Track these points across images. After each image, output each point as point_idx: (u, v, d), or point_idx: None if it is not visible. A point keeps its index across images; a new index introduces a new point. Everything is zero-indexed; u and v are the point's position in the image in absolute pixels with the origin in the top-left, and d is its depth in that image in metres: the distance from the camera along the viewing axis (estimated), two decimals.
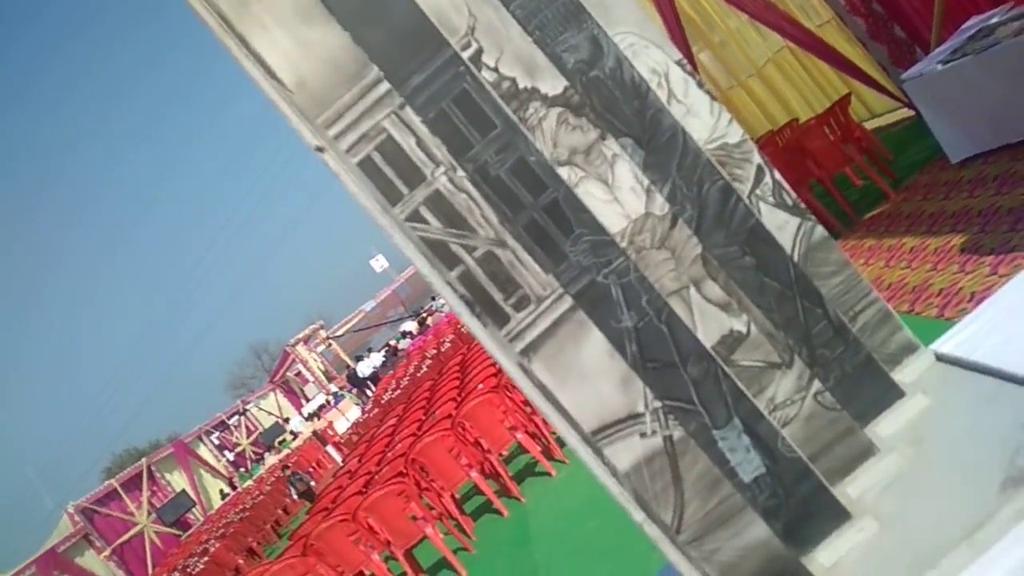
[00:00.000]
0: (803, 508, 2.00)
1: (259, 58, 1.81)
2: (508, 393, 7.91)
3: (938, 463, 2.02)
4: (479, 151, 1.96)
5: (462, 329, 17.50)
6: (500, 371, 7.07)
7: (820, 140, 8.35)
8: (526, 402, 7.81)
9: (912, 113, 8.91)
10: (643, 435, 1.88)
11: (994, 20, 6.72)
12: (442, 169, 1.87)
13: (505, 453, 8.35)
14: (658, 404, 1.89)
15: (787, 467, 2.00)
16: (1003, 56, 6.33)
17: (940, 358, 2.33)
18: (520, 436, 7.81)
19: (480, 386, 8.51)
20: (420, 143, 1.87)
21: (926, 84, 7.27)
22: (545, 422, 7.91)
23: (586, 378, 1.87)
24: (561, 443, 7.94)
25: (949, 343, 2.37)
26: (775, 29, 9.56)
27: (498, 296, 1.87)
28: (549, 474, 7.71)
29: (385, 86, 1.86)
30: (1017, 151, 6.46)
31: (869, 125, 9.92)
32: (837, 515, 1.99)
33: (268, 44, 1.84)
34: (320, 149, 1.68)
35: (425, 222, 1.87)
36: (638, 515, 1.72)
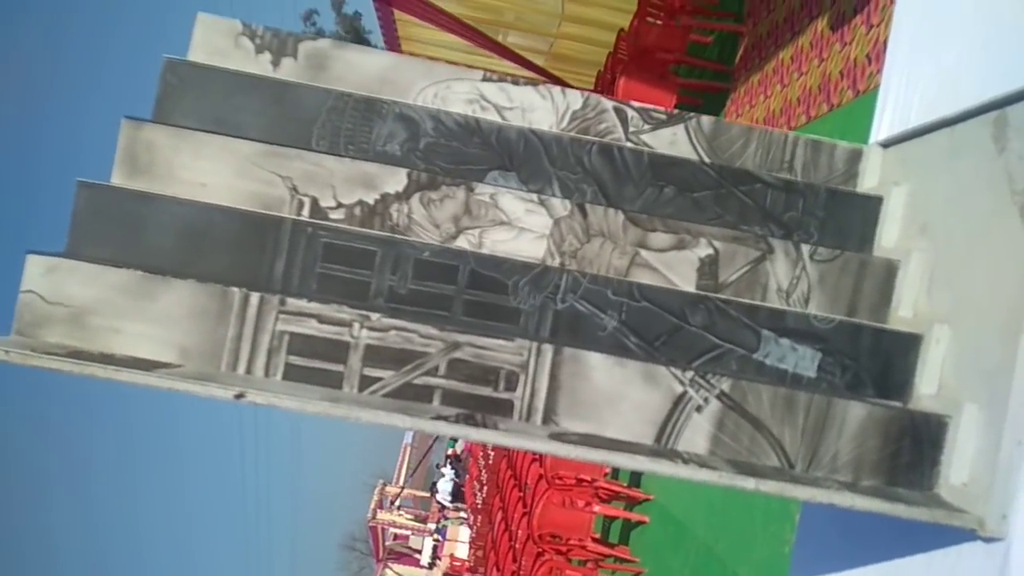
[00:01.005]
0: (878, 360, 1.91)
1: (130, 360, 1.72)
2: (559, 480, 7.80)
3: (955, 236, 1.94)
4: (377, 284, 1.88)
5: None
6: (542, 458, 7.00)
7: (651, 30, 8.39)
8: (578, 480, 7.72)
9: None
10: (699, 408, 1.78)
11: None
12: (357, 325, 1.78)
13: (608, 471, 8.17)
14: (690, 372, 1.79)
15: (836, 336, 1.91)
16: None
17: (887, 144, 2.27)
18: (597, 509, 7.67)
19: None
20: (322, 318, 1.78)
21: None
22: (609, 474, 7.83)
23: (614, 400, 1.77)
24: (636, 481, 7.81)
25: (883, 126, 2.31)
26: None
27: (487, 391, 1.77)
28: (643, 522, 7.51)
29: (256, 296, 1.77)
30: None
31: None
32: (909, 343, 1.90)
33: (129, 342, 1.75)
34: (240, 396, 1.58)
35: (378, 379, 1.77)
36: (747, 483, 1.61)
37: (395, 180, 1.99)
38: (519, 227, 1.99)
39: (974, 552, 1.62)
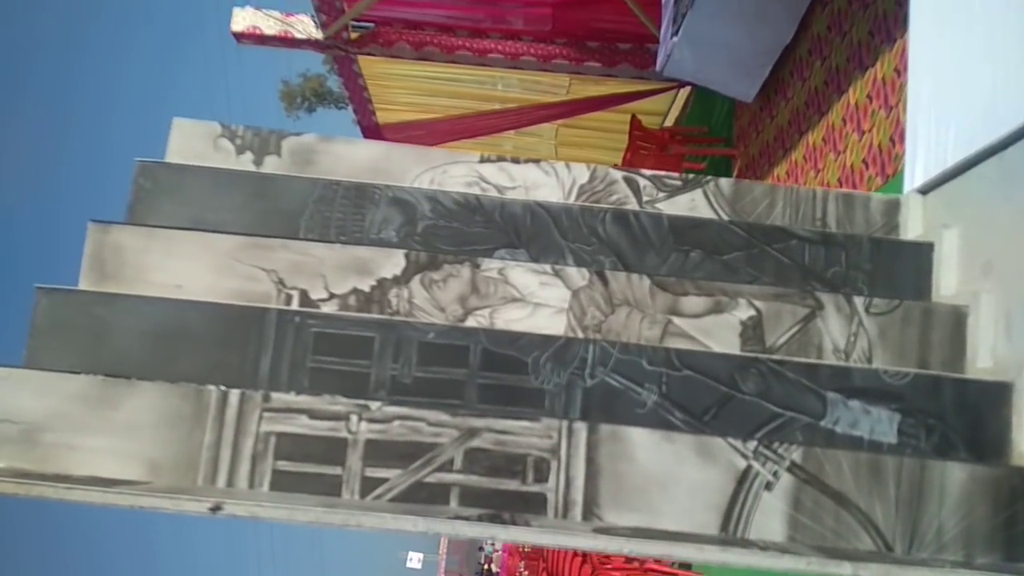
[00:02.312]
0: (965, 417, 1.63)
1: (94, 480, 1.45)
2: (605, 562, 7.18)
3: (1022, 270, 1.72)
4: (377, 375, 1.63)
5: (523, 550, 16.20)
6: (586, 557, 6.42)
7: (644, 162, 8.46)
8: (627, 561, 7.12)
9: (689, 88, 9.24)
10: (769, 485, 1.48)
11: None
12: (355, 417, 1.52)
13: None
14: (752, 443, 1.51)
15: (913, 392, 1.64)
16: None
17: (925, 190, 2.08)
18: None
19: None
20: (313, 413, 1.52)
21: (677, 61, 7.55)
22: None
23: (666, 483, 1.48)
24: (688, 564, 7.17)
25: (917, 173, 2.12)
26: (538, 122, 9.88)
27: (513, 484, 1.49)
28: None
29: (236, 394, 1.53)
30: (783, 62, 6.60)
31: (668, 122, 10.24)
32: (999, 393, 1.63)
33: (89, 459, 1.49)
34: (216, 508, 1.31)
35: (382, 481, 1.49)
36: (843, 568, 1.31)
37: (392, 263, 1.78)
38: (534, 303, 1.77)
39: None
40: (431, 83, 10.25)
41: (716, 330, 1.77)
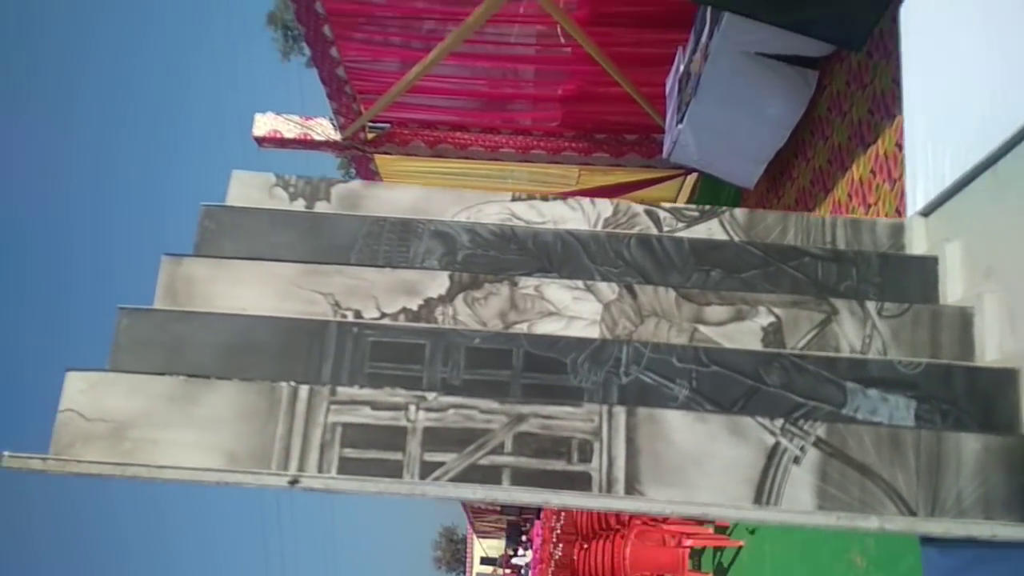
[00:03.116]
0: (978, 401, 1.75)
1: (179, 469, 1.58)
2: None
3: (1021, 270, 1.87)
4: (429, 377, 1.78)
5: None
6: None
7: None
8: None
9: (696, 175, 9.57)
10: (797, 460, 1.60)
11: (681, 68, 7.51)
12: (413, 407, 1.66)
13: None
14: (779, 421, 1.63)
15: (927, 380, 1.77)
16: (710, 85, 7.00)
17: (926, 212, 2.25)
18: (688, 543, 6.88)
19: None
20: (375, 404, 1.66)
21: (683, 148, 7.87)
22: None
23: (701, 460, 1.60)
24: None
25: (918, 198, 2.30)
26: None
27: (560, 464, 1.61)
28: (739, 546, 6.64)
29: (305, 389, 1.67)
30: (787, 145, 6.85)
31: None
32: (1007, 379, 1.76)
33: (173, 452, 1.62)
34: (294, 481, 1.44)
35: (440, 464, 1.61)
36: (870, 522, 1.41)
37: (437, 284, 1.95)
38: (568, 316, 1.92)
39: None
40: (444, 179, 10.61)
41: (739, 336, 1.91)
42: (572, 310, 1.93)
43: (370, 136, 9.12)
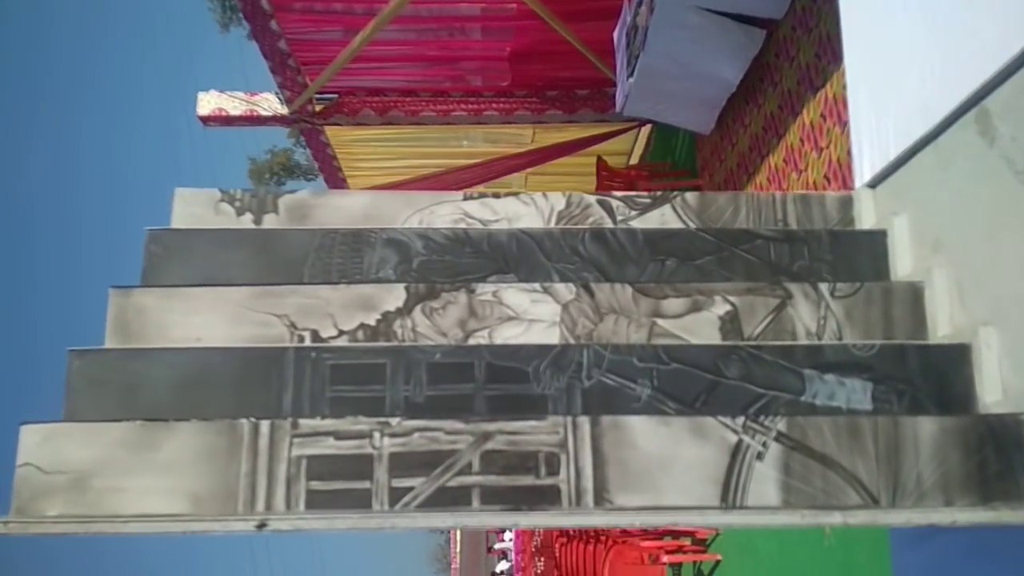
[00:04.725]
0: (932, 379, 1.79)
1: (143, 521, 1.57)
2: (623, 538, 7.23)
3: (971, 240, 1.89)
4: (392, 397, 1.77)
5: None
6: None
7: None
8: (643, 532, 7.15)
9: (650, 127, 9.58)
10: (760, 456, 1.63)
11: (628, 19, 7.45)
12: (377, 434, 1.65)
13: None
14: (740, 419, 1.66)
15: (882, 361, 1.80)
16: (657, 35, 6.96)
17: (873, 184, 2.26)
18: (665, 559, 7.03)
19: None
20: (339, 434, 1.65)
21: (635, 100, 7.85)
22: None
23: (666, 463, 1.62)
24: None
25: (864, 170, 2.32)
26: (506, 173, 10.13)
27: (528, 480, 1.62)
28: (717, 560, 6.82)
29: (266, 424, 1.66)
30: (738, 91, 6.86)
31: (633, 160, 10.56)
32: (959, 355, 1.79)
33: (136, 499, 1.61)
34: (261, 525, 1.43)
35: (408, 490, 1.62)
36: (833, 517, 1.45)
37: (393, 296, 1.93)
38: (528, 319, 1.92)
39: None
40: (398, 146, 10.48)
41: (697, 327, 1.92)
42: (531, 313, 1.93)
43: (318, 108, 8.96)
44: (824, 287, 1.95)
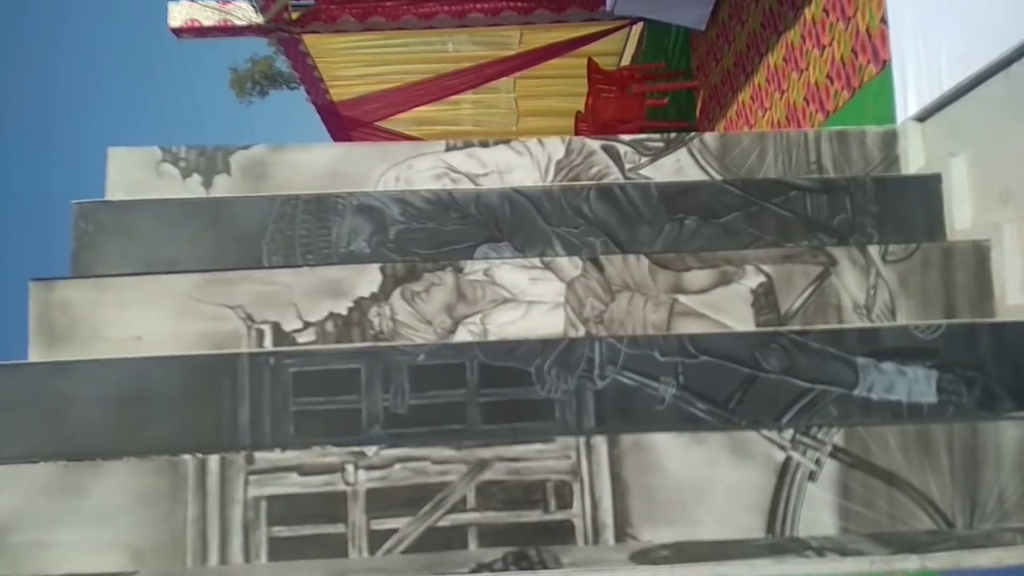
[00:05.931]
0: (1006, 364, 1.51)
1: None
2: None
3: None
4: (369, 410, 1.48)
5: None
6: None
7: (608, 105, 8.28)
8: None
9: (642, 25, 9.06)
10: (812, 476, 1.36)
11: None
12: (351, 467, 1.38)
13: None
14: (788, 432, 1.38)
15: (948, 345, 1.52)
16: None
17: (923, 117, 1.93)
18: None
19: None
20: (304, 468, 1.37)
21: None
22: None
23: (701, 489, 1.35)
24: None
25: (910, 101, 1.98)
26: (494, 78, 9.63)
27: (535, 515, 1.36)
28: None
29: (215, 460, 1.38)
30: None
31: (625, 61, 10.05)
32: None
33: (69, 555, 1.34)
34: None
35: (392, 532, 1.35)
36: (910, 561, 1.19)
37: (367, 280, 1.62)
38: (527, 301, 1.62)
39: None
40: (381, 53, 9.93)
41: (726, 303, 1.63)
42: (530, 294, 1.62)
43: (295, 15, 8.37)
44: (874, 251, 1.65)
